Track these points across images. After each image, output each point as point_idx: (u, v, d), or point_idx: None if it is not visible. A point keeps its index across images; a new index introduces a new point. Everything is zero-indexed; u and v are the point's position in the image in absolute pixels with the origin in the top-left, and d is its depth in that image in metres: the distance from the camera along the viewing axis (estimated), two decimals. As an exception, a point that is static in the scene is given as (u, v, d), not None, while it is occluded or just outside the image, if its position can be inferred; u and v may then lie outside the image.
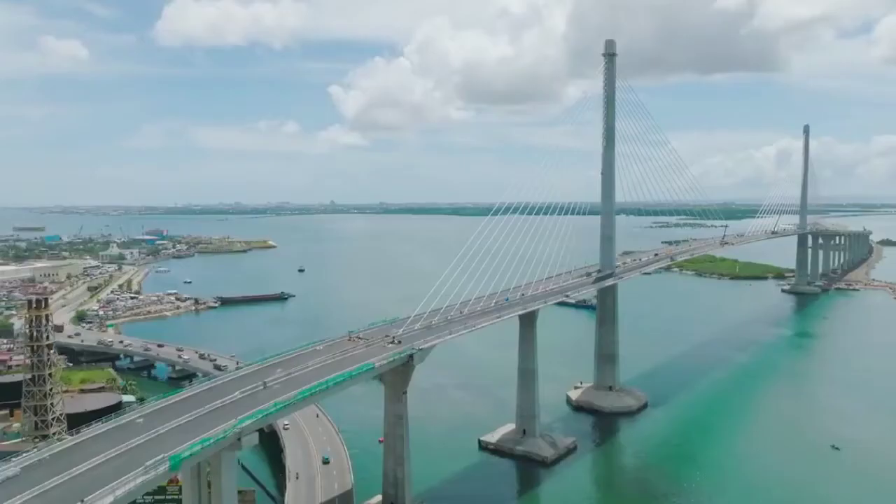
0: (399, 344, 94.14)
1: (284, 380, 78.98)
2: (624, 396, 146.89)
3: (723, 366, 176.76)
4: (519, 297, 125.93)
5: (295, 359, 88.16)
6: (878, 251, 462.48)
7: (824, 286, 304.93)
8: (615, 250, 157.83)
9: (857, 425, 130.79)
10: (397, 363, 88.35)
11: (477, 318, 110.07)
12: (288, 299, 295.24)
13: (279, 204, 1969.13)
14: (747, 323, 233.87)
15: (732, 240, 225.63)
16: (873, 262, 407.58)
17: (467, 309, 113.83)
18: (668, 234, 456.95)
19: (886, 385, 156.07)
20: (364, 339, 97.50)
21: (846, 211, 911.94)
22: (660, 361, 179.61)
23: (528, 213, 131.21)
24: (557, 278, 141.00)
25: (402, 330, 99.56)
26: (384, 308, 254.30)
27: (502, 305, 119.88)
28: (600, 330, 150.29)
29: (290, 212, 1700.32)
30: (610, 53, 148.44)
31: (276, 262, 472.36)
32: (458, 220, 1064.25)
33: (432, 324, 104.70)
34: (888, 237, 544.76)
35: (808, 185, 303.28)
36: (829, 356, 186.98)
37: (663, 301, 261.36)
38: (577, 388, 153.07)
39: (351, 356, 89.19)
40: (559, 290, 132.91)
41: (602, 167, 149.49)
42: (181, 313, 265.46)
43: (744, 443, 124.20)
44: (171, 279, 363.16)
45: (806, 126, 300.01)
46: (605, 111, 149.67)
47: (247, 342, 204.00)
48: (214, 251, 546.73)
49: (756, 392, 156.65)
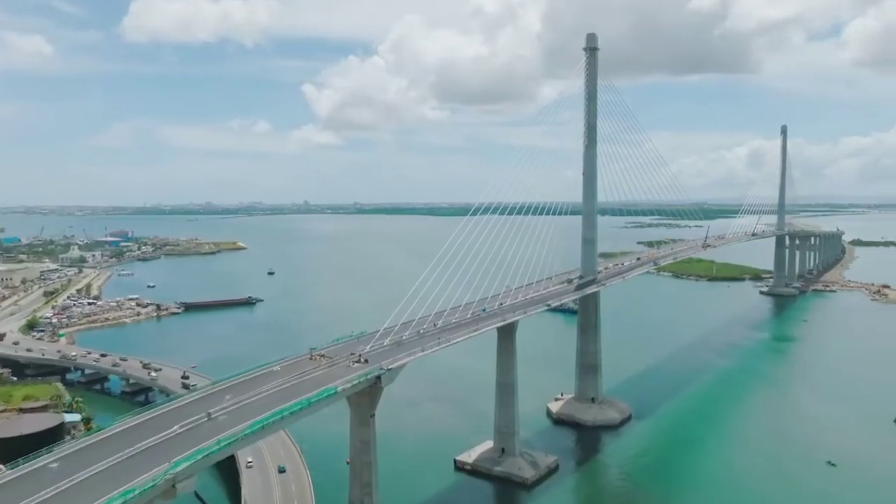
0: (366, 363, 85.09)
1: (234, 409, 69.47)
2: (607, 409, 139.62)
3: (706, 373, 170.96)
4: (497, 306, 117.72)
5: (248, 382, 78.55)
6: (851, 251, 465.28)
7: (802, 288, 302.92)
8: (597, 255, 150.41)
9: (851, 438, 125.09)
10: (363, 386, 79.32)
11: (451, 331, 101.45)
12: (256, 304, 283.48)
13: (251, 204, 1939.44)
14: (728, 326, 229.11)
15: (714, 242, 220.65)
16: (847, 263, 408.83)
17: (441, 321, 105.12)
18: (643, 234, 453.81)
19: (875, 393, 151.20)
20: (327, 358, 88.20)
21: (816, 211, 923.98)
22: (641, 369, 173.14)
23: (506, 213, 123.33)
24: (537, 285, 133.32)
25: (370, 347, 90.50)
26: (356, 313, 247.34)
27: (479, 316, 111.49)
28: (582, 338, 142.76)
29: (263, 212, 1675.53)
30: (591, 48, 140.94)
31: (245, 264, 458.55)
32: (434, 221, 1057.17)
33: (403, 339, 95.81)
34: (858, 237, 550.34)
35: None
36: (813, 362, 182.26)
37: (642, 304, 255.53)
38: (558, 399, 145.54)
39: (311, 378, 79.88)
40: (539, 298, 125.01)
41: (583, 167, 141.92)
42: (142, 320, 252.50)
43: (734, 458, 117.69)
44: (134, 283, 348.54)
45: (783, 126, 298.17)
46: (586, 108, 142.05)
47: (209, 351, 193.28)
48: (181, 253, 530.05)
49: (743, 401, 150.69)
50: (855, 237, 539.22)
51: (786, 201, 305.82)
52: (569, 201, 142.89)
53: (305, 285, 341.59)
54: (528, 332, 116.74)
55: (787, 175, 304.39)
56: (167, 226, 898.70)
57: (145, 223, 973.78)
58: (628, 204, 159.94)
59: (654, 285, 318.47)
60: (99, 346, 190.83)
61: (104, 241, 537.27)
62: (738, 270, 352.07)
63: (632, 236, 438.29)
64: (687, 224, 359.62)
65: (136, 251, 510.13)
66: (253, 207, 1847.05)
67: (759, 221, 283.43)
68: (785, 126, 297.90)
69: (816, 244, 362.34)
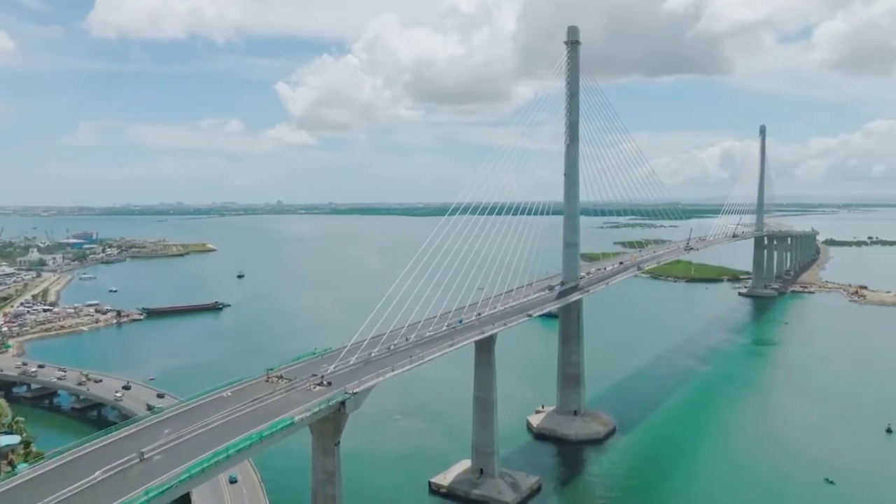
0: (328, 386, 76.12)
1: (172, 445, 60.06)
2: (590, 422, 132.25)
3: (691, 381, 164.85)
4: (475, 316, 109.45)
5: (193, 411, 69.03)
6: (825, 251, 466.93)
7: (780, 289, 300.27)
8: (579, 259, 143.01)
9: (846, 451, 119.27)
10: (324, 413, 70.32)
11: (425, 346, 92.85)
12: (223, 309, 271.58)
13: (224, 204, 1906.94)
14: (710, 330, 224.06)
15: (696, 244, 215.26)
16: (822, 263, 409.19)
17: (414, 334, 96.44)
18: (620, 234, 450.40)
19: (864, 400, 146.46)
20: (286, 380, 78.95)
21: (787, 211, 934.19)
22: (623, 377, 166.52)
23: (484, 214, 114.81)
24: (517, 292, 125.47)
25: (334, 366, 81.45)
26: (327, 319, 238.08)
27: (455, 328, 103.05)
28: (563, 348, 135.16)
29: (236, 212, 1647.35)
30: (573, 41, 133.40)
31: (214, 266, 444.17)
32: (409, 221, 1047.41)
33: (371, 356, 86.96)
34: (831, 237, 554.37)
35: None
36: (798, 367, 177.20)
37: (620, 306, 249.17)
38: (539, 412, 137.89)
39: (266, 405, 70.66)
40: (519, 307, 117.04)
41: (565, 167, 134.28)
42: (100, 327, 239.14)
43: (725, 475, 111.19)
44: (95, 287, 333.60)
45: (762, 126, 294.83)
46: (567, 106, 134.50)
47: (169, 362, 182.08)
48: (148, 255, 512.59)
49: (730, 411, 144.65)
50: (828, 237, 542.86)
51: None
52: (549, 201, 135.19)
53: (276, 289, 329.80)
54: (505, 338, 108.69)
55: (758, 175, 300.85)
56: (136, 227, 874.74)
57: (113, 224, 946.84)
58: (604, 204, 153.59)
59: (632, 287, 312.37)
60: (52, 357, 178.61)
61: (66, 244, 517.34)
62: (716, 271, 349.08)
63: (609, 236, 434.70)
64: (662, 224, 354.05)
65: (101, 254, 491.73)
66: (225, 208, 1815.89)
67: (738, 222, 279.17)
68: (764, 126, 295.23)
69: (792, 245, 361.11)
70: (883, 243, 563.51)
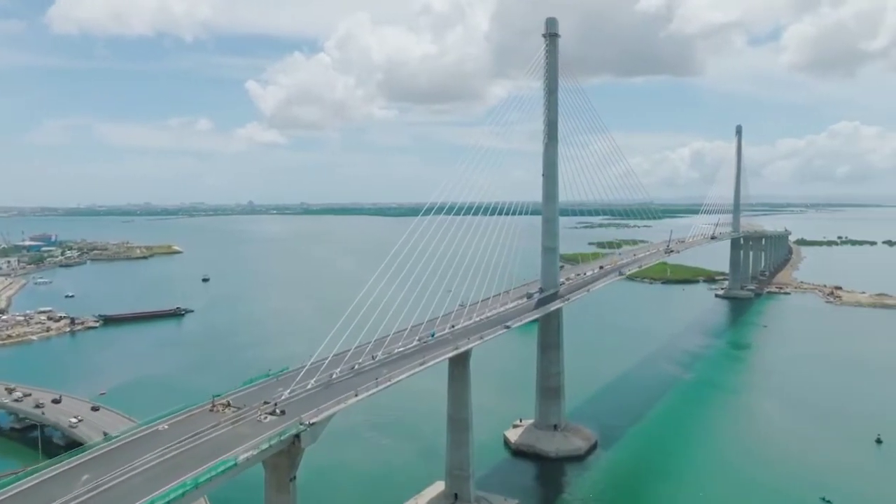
0: (282, 415, 67.06)
1: (90, 496, 50.54)
2: (571, 437, 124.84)
3: (673, 389, 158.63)
4: (448, 328, 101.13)
5: (120, 451, 59.38)
6: (798, 251, 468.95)
7: (757, 290, 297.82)
8: (559, 264, 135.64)
9: (838, 464, 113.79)
10: (276, 449, 61.29)
11: (393, 363, 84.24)
12: (185, 315, 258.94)
13: (193, 204, 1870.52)
14: (689, 333, 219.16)
15: (676, 246, 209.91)
16: (796, 263, 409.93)
17: (382, 351, 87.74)
18: (594, 234, 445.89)
19: (850, 407, 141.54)
20: (233, 408, 69.64)
21: (757, 210, 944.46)
22: (603, 385, 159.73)
23: (458, 214, 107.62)
24: (494, 300, 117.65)
25: (290, 391, 72.37)
26: (294, 325, 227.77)
27: (426, 343, 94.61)
28: (543, 359, 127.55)
29: (205, 213, 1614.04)
30: (552, 34, 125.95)
31: (179, 269, 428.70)
32: (382, 221, 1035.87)
33: (333, 377, 78.05)
34: (802, 237, 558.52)
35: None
36: (780, 372, 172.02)
37: (597, 309, 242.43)
38: (517, 426, 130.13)
39: (208, 441, 61.38)
40: (496, 317, 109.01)
41: (543, 167, 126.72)
42: (52, 336, 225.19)
43: (711, 492, 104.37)
44: (51, 293, 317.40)
45: (738, 126, 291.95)
46: (545, 102, 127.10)
47: (123, 374, 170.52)
48: (110, 258, 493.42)
49: (715, 421, 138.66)
50: (799, 237, 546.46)
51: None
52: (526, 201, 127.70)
53: (242, 293, 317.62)
54: (480, 346, 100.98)
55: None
56: (100, 228, 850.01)
57: (76, 225, 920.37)
58: (578, 204, 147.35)
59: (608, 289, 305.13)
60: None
61: (23, 246, 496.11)
62: (692, 272, 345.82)
63: (583, 237, 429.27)
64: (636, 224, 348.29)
65: (59, 256, 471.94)
66: (195, 208, 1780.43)
67: (717, 222, 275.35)
68: (740, 126, 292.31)
69: (766, 245, 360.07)
70: (852, 243, 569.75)
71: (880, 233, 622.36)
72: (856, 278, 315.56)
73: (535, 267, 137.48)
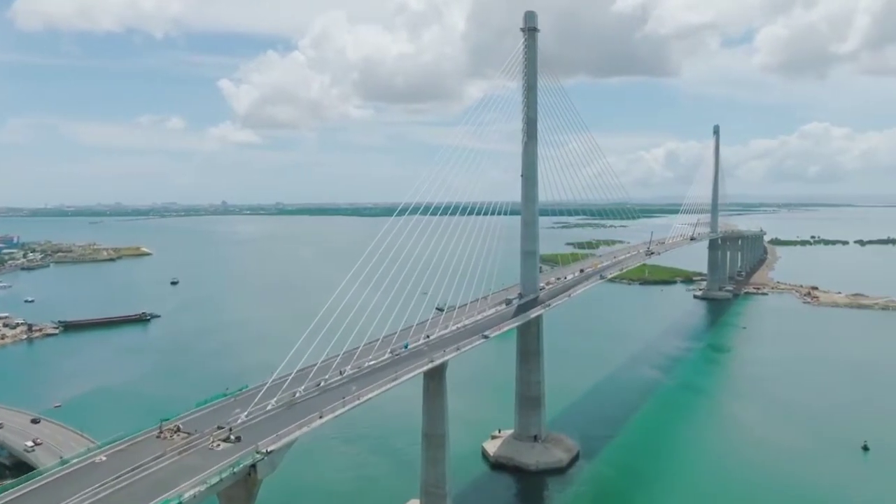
0: (237, 442, 60.42)
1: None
2: (552, 448, 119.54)
3: (655, 395, 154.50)
4: (423, 339, 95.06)
5: (47, 488, 52.20)
6: (773, 251, 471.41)
7: (734, 291, 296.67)
8: (539, 269, 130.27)
9: (826, 474, 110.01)
10: (228, 483, 54.64)
11: (363, 379, 77.94)
12: (151, 321, 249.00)
13: (165, 205, 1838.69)
14: (668, 337, 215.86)
15: (656, 248, 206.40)
16: (771, 263, 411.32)
17: (351, 364, 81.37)
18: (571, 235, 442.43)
19: (835, 413, 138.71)
20: (184, 434, 62.75)
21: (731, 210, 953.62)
22: (583, 391, 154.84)
23: (434, 214, 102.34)
24: (472, 307, 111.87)
25: (248, 413, 65.69)
26: (263, 331, 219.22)
27: (399, 355, 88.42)
28: (522, 367, 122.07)
29: (177, 213, 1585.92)
30: (530, 28, 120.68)
31: (147, 272, 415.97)
32: (359, 222, 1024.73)
33: (297, 396, 71.49)
34: (776, 236, 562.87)
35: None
36: (763, 376, 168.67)
37: (575, 312, 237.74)
38: (495, 437, 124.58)
39: (150, 474, 54.46)
40: (474, 326, 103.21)
41: (522, 167, 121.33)
42: (6, 344, 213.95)
43: None
44: (10, 297, 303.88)
45: (716, 126, 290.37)
46: (524, 99, 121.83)
47: (81, 385, 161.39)
48: (76, 260, 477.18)
49: (698, 428, 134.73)
50: (773, 236, 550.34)
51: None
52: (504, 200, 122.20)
53: (211, 297, 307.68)
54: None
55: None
56: (67, 229, 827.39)
57: (42, 226, 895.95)
58: (556, 204, 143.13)
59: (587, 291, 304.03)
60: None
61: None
62: (669, 273, 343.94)
63: (561, 237, 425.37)
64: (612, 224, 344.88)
65: (21, 259, 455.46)
66: (167, 208, 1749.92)
67: (697, 222, 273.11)
68: (717, 126, 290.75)
69: (742, 245, 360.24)
70: (825, 242, 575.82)
71: (851, 232, 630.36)
72: (831, 278, 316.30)
73: (513, 270, 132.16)
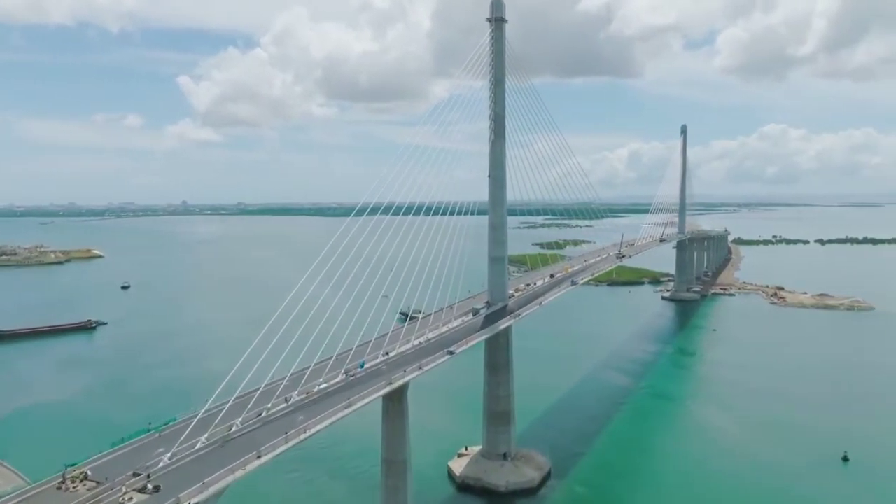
0: (156, 492, 50.79)
1: None
2: (522, 466, 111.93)
3: (628, 403, 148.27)
4: (381, 356, 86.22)
5: None
6: (737, 251, 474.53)
7: (702, 292, 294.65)
8: (507, 275, 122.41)
9: (808, 489, 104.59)
10: (138, 550, 45.05)
11: (311, 406, 68.77)
12: (96, 329, 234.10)
13: (122, 205, 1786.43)
14: (639, 340, 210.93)
15: (627, 251, 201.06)
16: (736, 263, 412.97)
17: (299, 390, 72.06)
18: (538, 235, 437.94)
19: (812, 421, 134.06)
20: (91, 482, 52.74)
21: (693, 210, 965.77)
22: (553, 402, 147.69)
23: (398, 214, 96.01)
24: (436, 317, 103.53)
25: (172, 453, 55.96)
26: (218, 338, 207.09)
27: (355, 376, 79.42)
28: (490, 380, 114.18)
29: (135, 213, 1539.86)
30: (498, 18, 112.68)
31: (97, 276, 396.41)
32: (323, 222, 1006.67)
33: (232, 430, 61.96)
34: (739, 236, 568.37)
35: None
36: (737, 382, 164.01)
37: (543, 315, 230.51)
38: (462, 455, 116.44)
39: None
40: (438, 340, 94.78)
41: (489, 168, 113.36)
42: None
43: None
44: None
45: (683, 126, 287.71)
46: (491, 94, 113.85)
47: (8, 404, 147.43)
48: (20, 264, 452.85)
49: (673, 438, 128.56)
50: (736, 236, 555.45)
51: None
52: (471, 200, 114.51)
53: (164, 302, 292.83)
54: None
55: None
56: (14, 230, 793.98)
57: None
58: (522, 204, 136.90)
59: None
60: None
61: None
62: (637, 274, 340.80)
63: (527, 237, 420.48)
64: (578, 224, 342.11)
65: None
66: (123, 209, 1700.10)
67: (665, 223, 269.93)
68: (685, 126, 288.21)
69: (708, 245, 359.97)
70: (787, 242, 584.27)
71: (811, 232, 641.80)
72: (795, 278, 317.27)
73: (481, 272, 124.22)
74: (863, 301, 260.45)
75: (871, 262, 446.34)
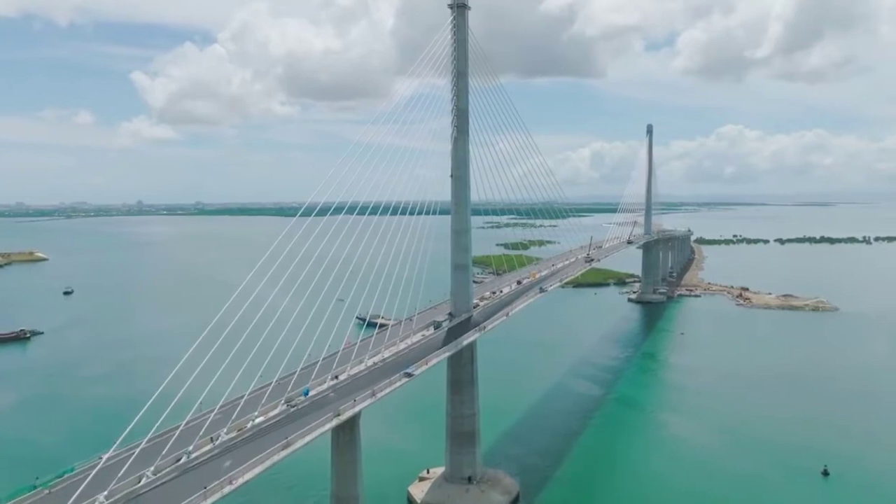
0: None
1: None
2: (488, 491, 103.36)
3: (597, 415, 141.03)
4: (329, 382, 76.24)
5: None
6: (699, 251, 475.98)
7: (668, 293, 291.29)
8: (472, 283, 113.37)
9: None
10: None
11: (244, 446, 58.50)
12: (31, 339, 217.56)
13: (74, 204, 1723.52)
14: (606, 346, 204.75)
15: (596, 254, 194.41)
16: (700, 263, 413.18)
17: (229, 426, 61.69)
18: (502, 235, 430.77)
19: (788, 432, 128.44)
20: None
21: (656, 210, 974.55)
22: (520, 416, 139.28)
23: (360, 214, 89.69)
24: (393, 332, 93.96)
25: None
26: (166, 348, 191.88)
27: (297, 406, 69.33)
28: (454, 399, 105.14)
29: (87, 213, 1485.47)
30: (460, 5, 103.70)
31: (38, 280, 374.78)
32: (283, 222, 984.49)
33: (141, 483, 51.38)
34: (701, 235, 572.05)
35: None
36: (708, 391, 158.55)
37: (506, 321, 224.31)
38: (424, 479, 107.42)
39: None
40: (393, 363, 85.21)
41: (452, 167, 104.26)
42: None
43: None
44: None
45: (649, 126, 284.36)
46: (453, 87, 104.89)
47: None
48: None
49: (647, 454, 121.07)
50: (697, 235, 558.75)
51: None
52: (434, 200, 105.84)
53: (109, 309, 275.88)
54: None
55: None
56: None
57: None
58: (485, 203, 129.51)
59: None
60: None
61: None
62: (602, 275, 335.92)
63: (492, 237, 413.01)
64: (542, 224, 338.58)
65: None
66: (75, 208, 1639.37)
67: (633, 223, 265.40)
68: (651, 125, 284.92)
69: (673, 246, 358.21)
70: (748, 241, 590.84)
71: (770, 231, 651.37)
72: (759, 278, 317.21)
73: (443, 275, 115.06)
74: (827, 302, 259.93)
75: (829, 261, 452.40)
